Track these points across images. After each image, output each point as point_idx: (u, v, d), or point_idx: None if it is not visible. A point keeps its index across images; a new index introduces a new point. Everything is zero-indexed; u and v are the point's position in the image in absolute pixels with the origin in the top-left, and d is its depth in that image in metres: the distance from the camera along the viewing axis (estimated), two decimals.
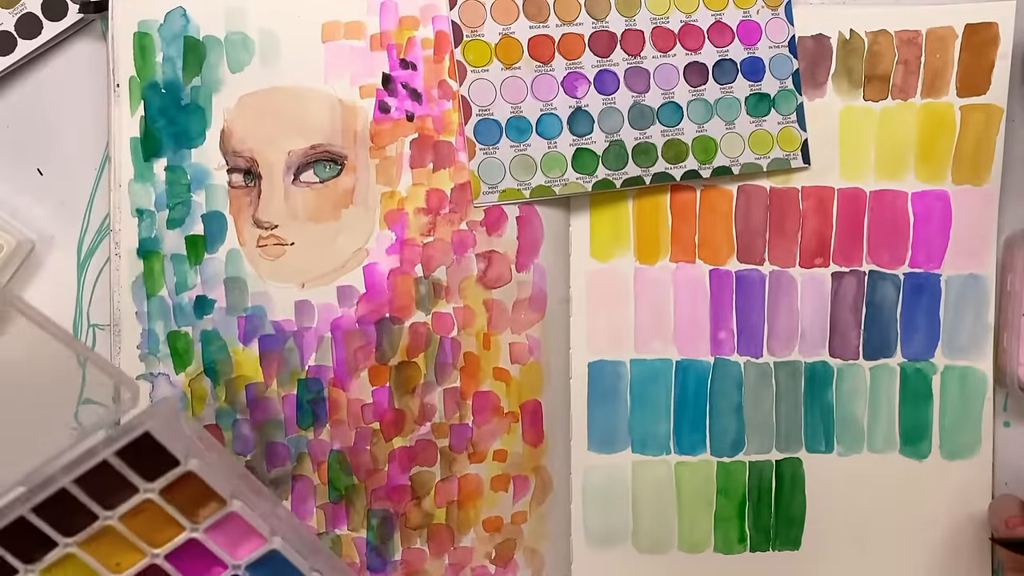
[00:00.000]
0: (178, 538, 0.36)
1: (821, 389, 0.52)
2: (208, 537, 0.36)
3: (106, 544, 0.35)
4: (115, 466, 0.35)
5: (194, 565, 0.36)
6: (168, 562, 0.36)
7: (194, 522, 0.36)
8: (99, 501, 0.35)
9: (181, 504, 0.36)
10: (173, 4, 0.47)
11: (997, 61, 0.50)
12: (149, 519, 0.36)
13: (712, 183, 0.51)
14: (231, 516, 0.37)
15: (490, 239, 0.49)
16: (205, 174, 0.48)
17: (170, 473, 0.35)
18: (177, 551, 0.36)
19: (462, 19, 0.48)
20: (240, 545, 0.37)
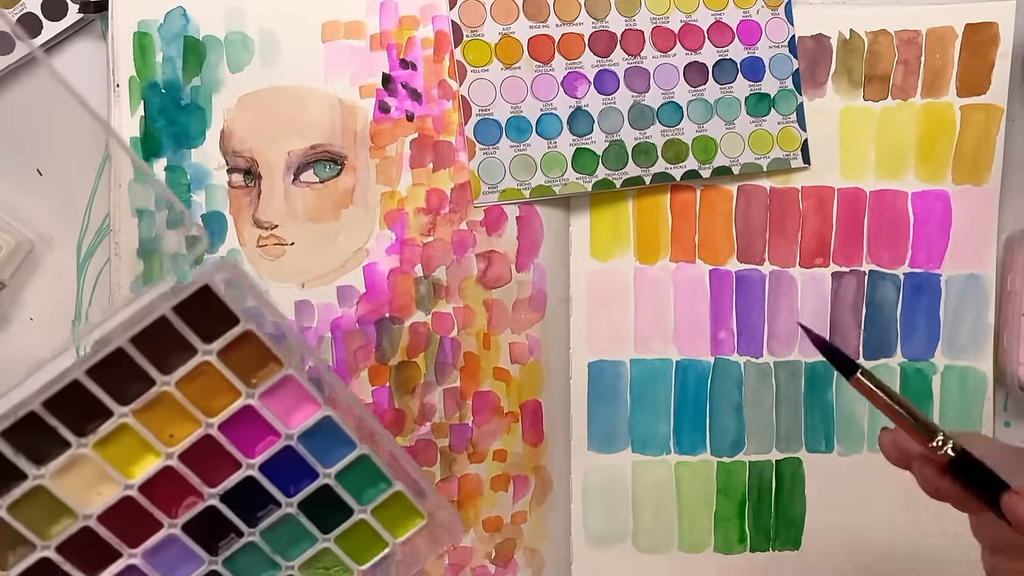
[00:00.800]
0: (233, 405, 0.35)
1: (821, 389, 0.52)
2: (263, 404, 0.35)
3: (161, 414, 0.34)
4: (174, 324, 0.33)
5: (247, 436, 0.35)
6: (222, 433, 0.35)
7: (250, 387, 0.35)
8: (156, 364, 0.34)
9: (237, 368, 0.35)
10: (173, 4, 0.47)
11: (997, 61, 0.50)
12: (205, 385, 0.35)
13: (712, 183, 0.51)
14: (286, 381, 0.36)
15: (490, 239, 0.49)
16: (205, 174, 0.47)
17: (229, 333, 0.34)
18: (230, 421, 0.35)
19: (462, 19, 0.48)
20: (293, 413, 0.36)
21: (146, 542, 0.35)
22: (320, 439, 0.37)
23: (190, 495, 0.36)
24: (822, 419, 0.52)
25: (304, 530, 0.37)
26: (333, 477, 0.37)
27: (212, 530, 0.36)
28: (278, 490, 0.36)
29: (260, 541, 0.37)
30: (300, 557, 0.37)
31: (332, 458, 0.37)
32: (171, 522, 0.35)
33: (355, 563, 0.38)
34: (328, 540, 0.37)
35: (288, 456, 0.36)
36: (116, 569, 0.35)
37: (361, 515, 0.38)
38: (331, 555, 0.38)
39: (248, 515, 0.36)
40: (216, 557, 0.36)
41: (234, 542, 0.36)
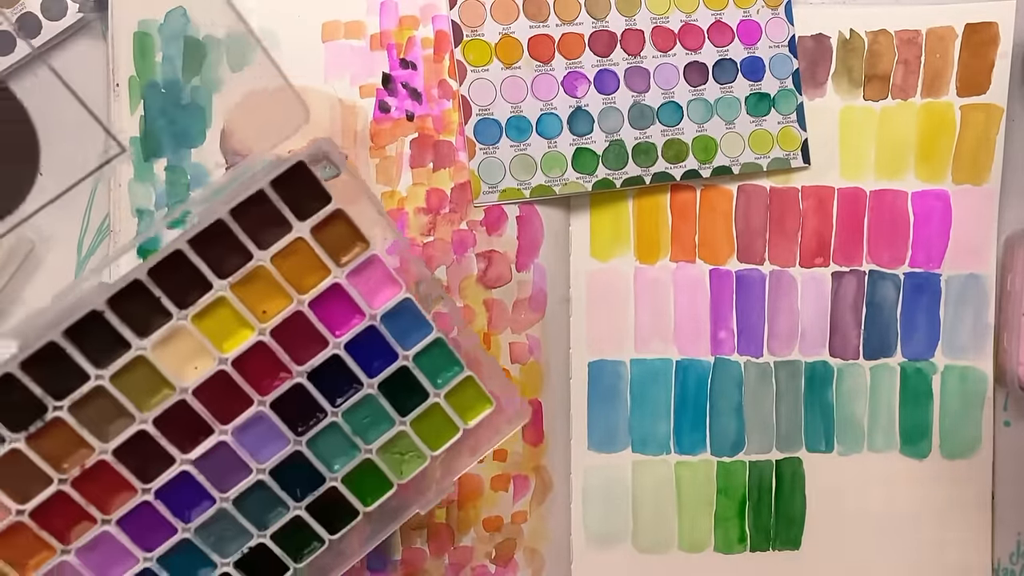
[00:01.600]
0: (323, 283, 0.35)
1: (821, 389, 0.52)
2: (350, 282, 0.36)
3: (255, 289, 0.35)
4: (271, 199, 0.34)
5: (334, 314, 0.36)
6: (311, 309, 0.35)
7: (339, 265, 0.36)
8: (254, 238, 0.34)
9: (328, 246, 0.35)
10: (173, 4, 0.47)
11: (997, 61, 0.50)
12: (298, 261, 0.35)
13: (712, 183, 0.51)
14: (371, 261, 0.36)
15: (490, 239, 0.49)
16: (205, 174, 0.47)
17: (322, 211, 0.35)
18: (319, 299, 0.36)
19: (462, 19, 0.48)
20: (377, 294, 0.37)
21: (236, 419, 0.35)
22: (400, 321, 0.37)
23: (280, 372, 0.36)
24: (822, 419, 0.52)
25: (383, 412, 0.37)
26: (411, 359, 0.37)
27: (298, 409, 0.36)
28: (361, 370, 0.37)
29: (342, 422, 0.37)
30: (378, 440, 0.37)
31: (410, 340, 0.37)
32: (261, 399, 0.36)
33: (428, 448, 0.38)
34: (405, 423, 0.37)
35: (371, 336, 0.37)
36: (208, 446, 0.35)
37: (435, 399, 0.38)
38: (407, 439, 0.38)
39: (332, 395, 0.37)
40: (300, 437, 0.37)
41: (318, 422, 0.37)
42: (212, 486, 0.36)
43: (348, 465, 0.38)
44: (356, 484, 0.38)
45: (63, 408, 0.33)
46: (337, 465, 0.38)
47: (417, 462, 0.39)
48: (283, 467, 0.37)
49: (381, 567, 0.49)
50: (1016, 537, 0.52)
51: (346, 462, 0.38)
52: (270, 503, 0.37)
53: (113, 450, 0.34)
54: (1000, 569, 0.52)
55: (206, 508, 0.36)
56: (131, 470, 0.35)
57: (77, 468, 0.34)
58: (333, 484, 0.38)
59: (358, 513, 0.38)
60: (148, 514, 0.35)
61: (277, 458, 0.37)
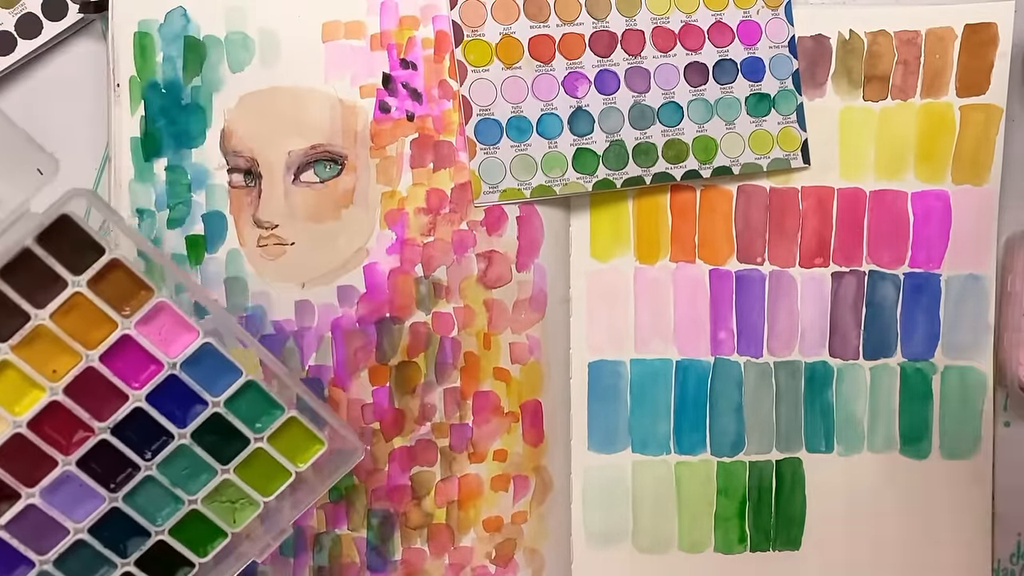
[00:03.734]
0: (112, 336, 0.35)
1: (821, 389, 0.52)
2: (140, 332, 0.35)
3: (40, 349, 0.34)
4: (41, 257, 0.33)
5: (130, 366, 0.35)
6: (104, 364, 0.35)
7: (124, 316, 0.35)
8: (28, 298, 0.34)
9: (110, 297, 0.35)
10: (173, 4, 0.47)
11: (996, 61, 0.50)
12: (80, 317, 0.34)
13: (712, 183, 0.51)
14: (160, 308, 0.35)
15: (490, 239, 0.49)
16: (205, 174, 0.47)
17: (97, 263, 0.34)
18: (111, 352, 0.35)
19: (462, 19, 0.48)
20: (173, 341, 0.36)
21: (43, 481, 0.35)
22: (203, 367, 0.36)
23: (80, 430, 0.35)
24: (822, 419, 0.52)
25: (201, 461, 0.37)
26: (223, 405, 0.37)
27: (108, 465, 0.36)
28: (168, 421, 0.36)
29: (158, 474, 0.36)
30: (202, 490, 0.37)
31: (219, 386, 0.37)
32: (65, 459, 0.35)
33: (260, 494, 0.37)
34: (228, 471, 0.37)
35: (174, 385, 0.36)
36: (16, 510, 0.35)
37: (258, 443, 0.37)
38: (234, 487, 0.38)
39: (141, 448, 0.36)
40: (116, 493, 0.36)
41: (132, 476, 0.36)
42: (29, 549, 0.35)
43: (173, 518, 0.37)
44: (186, 535, 0.37)
45: None
46: (161, 518, 0.37)
47: (250, 509, 0.38)
48: (103, 524, 0.36)
49: (381, 567, 0.49)
50: (1016, 537, 0.52)
51: (170, 514, 0.37)
52: (95, 562, 0.36)
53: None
54: (1000, 569, 0.52)
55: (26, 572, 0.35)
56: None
57: None
58: (160, 538, 0.37)
59: (193, 565, 0.38)
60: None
61: (94, 516, 0.36)
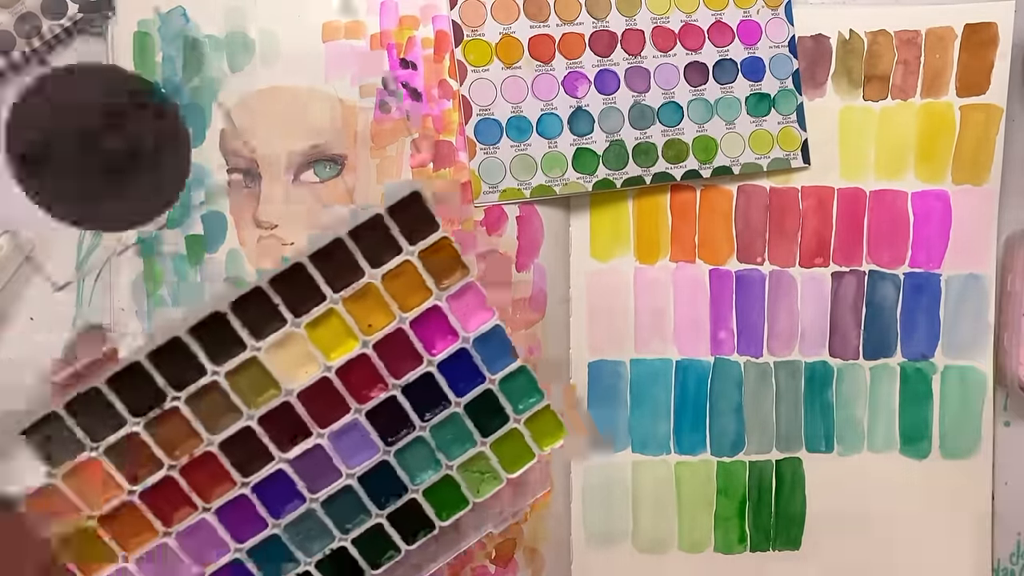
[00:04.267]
0: (425, 304, 0.38)
1: (821, 389, 0.52)
2: (448, 305, 0.39)
3: (364, 304, 0.37)
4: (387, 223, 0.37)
5: (431, 333, 0.38)
6: (411, 328, 0.38)
7: (440, 288, 0.38)
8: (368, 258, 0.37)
9: (433, 270, 0.38)
10: (173, 4, 0.47)
11: (996, 61, 0.50)
12: (404, 282, 0.38)
13: (712, 183, 0.51)
14: (469, 287, 0.39)
15: (490, 239, 0.49)
16: (205, 174, 0.47)
17: (430, 237, 0.38)
18: (419, 319, 0.38)
19: (462, 19, 0.48)
20: (471, 318, 0.39)
21: (334, 424, 0.37)
22: (489, 346, 0.40)
23: (377, 383, 0.38)
24: (822, 419, 0.52)
25: (466, 431, 0.39)
26: (497, 383, 0.40)
27: (390, 421, 0.38)
28: (450, 389, 0.39)
29: (428, 436, 0.39)
30: (460, 457, 0.39)
31: (497, 365, 0.40)
32: (358, 407, 0.38)
33: (505, 471, 0.40)
34: (485, 444, 0.39)
35: (462, 358, 0.39)
36: (305, 447, 0.37)
37: (515, 424, 0.40)
38: (485, 460, 0.40)
39: (422, 410, 0.39)
40: (390, 448, 0.39)
41: (406, 435, 0.39)
42: (304, 486, 0.38)
43: (430, 479, 0.39)
44: (435, 498, 0.40)
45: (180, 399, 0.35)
46: (419, 478, 0.39)
47: (493, 483, 0.40)
48: (371, 475, 0.39)
49: None
50: (1016, 537, 0.52)
51: (428, 476, 0.39)
52: (355, 508, 0.39)
53: (220, 443, 0.36)
54: (1000, 569, 0.52)
55: (296, 507, 0.38)
56: (233, 463, 0.37)
57: (186, 456, 0.36)
58: (414, 496, 0.39)
59: (434, 527, 0.40)
60: (244, 507, 0.37)
61: (366, 465, 0.38)
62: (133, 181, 0.38)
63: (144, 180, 0.38)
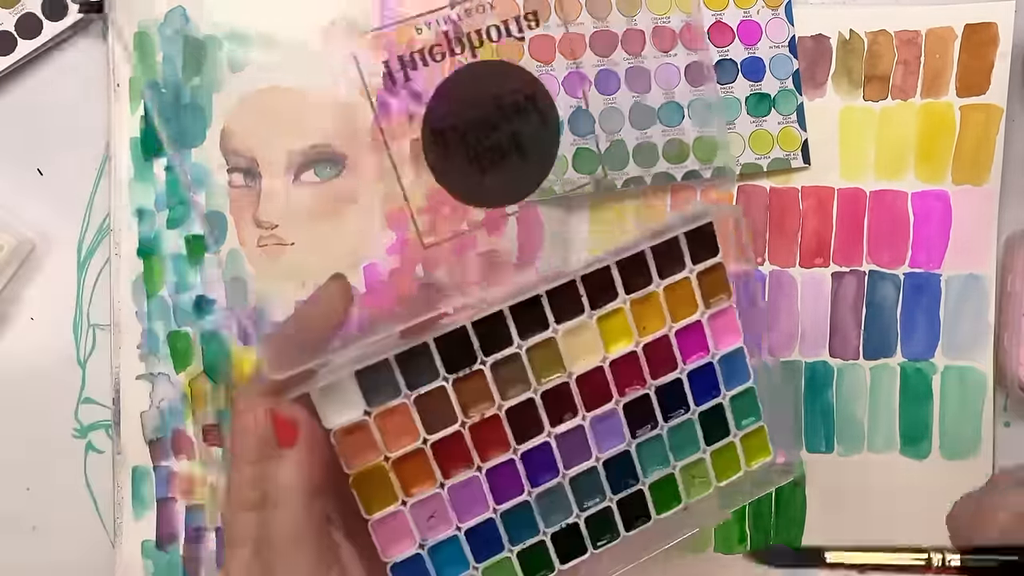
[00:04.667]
0: (691, 318, 0.42)
1: (821, 389, 0.52)
2: (708, 322, 0.42)
3: (645, 309, 0.41)
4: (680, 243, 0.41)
5: (689, 345, 0.42)
6: (675, 336, 0.42)
7: (706, 307, 0.42)
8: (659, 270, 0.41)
9: (704, 289, 0.42)
10: (173, 4, 0.47)
11: (997, 61, 0.50)
12: (679, 296, 0.41)
13: (712, 183, 0.51)
14: (727, 310, 0.42)
15: (490, 239, 0.49)
16: (205, 174, 0.47)
17: (709, 260, 0.42)
18: (683, 330, 0.42)
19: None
20: (722, 337, 0.43)
21: (596, 409, 0.41)
22: (731, 365, 0.43)
23: (637, 381, 0.42)
24: (822, 419, 0.52)
25: (695, 436, 0.43)
26: (728, 399, 0.43)
27: (639, 416, 0.42)
28: (692, 396, 0.42)
29: (666, 435, 0.42)
30: (684, 460, 0.43)
31: (732, 383, 0.43)
32: (618, 399, 0.41)
33: (716, 479, 0.43)
34: (706, 452, 0.43)
35: (707, 371, 0.42)
36: (570, 426, 0.41)
37: (733, 438, 0.43)
38: (702, 466, 0.43)
39: (666, 411, 0.42)
40: (634, 440, 0.42)
41: (650, 430, 0.42)
42: (561, 461, 0.41)
43: (657, 473, 0.43)
44: (656, 492, 0.43)
45: (487, 364, 0.39)
46: (650, 471, 0.42)
47: (703, 488, 0.44)
48: (613, 461, 0.42)
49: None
50: None
51: (657, 471, 0.43)
52: (594, 489, 0.42)
53: (507, 408, 0.40)
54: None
55: (550, 479, 0.41)
56: (512, 430, 0.40)
57: (477, 416, 0.39)
58: (641, 487, 0.42)
59: (651, 518, 0.43)
60: (510, 472, 0.40)
61: (612, 451, 0.42)
62: (511, 164, 0.42)
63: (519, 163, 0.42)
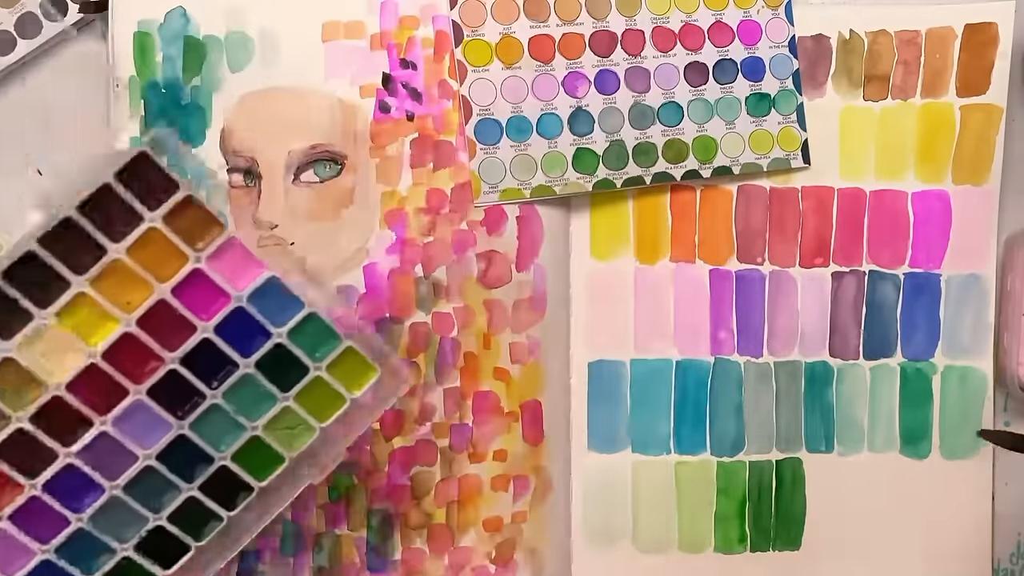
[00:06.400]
0: (183, 270, 0.36)
1: (821, 389, 0.52)
2: (210, 267, 0.37)
3: (116, 282, 0.36)
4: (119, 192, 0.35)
5: (199, 299, 0.37)
6: (175, 297, 0.36)
7: (196, 251, 0.37)
8: (106, 233, 0.35)
9: (183, 232, 0.36)
10: (173, 4, 0.47)
11: (997, 61, 0.50)
12: (155, 252, 0.36)
13: (712, 183, 0.51)
14: (230, 244, 0.37)
15: (490, 239, 0.49)
16: (205, 174, 0.47)
17: (171, 199, 0.36)
18: (183, 285, 0.37)
19: (462, 19, 0.48)
20: (240, 276, 0.38)
21: (115, 409, 0.37)
22: (269, 300, 0.38)
23: (151, 360, 0.37)
24: (822, 419, 0.52)
25: (264, 390, 0.39)
26: (285, 335, 0.38)
27: (176, 394, 0.38)
28: (235, 351, 0.38)
29: (223, 403, 0.38)
30: (263, 417, 0.39)
31: (282, 317, 0.38)
32: (136, 388, 0.37)
33: (316, 420, 0.39)
34: (288, 399, 0.39)
35: (241, 317, 0.38)
36: (89, 437, 0.36)
37: (317, 372, 0.39)
38: (293, 414, 0.39)
39: (208, 378, 0.38)
40: (183, 421, 0.38)
41: (198, 405, 0.38)
42: (100, 475, 0.37)
43: (235, 444, 0.39)
44: (247, 461, 0.39)
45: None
46: (224, 445, 0.39)
47: (307, 435, 0.40)
48: (170, 451, 0.38)
49: (381, 567, 0.49)
50: (1016, 537, 0.52)
51: (233, 441, 0.39)
52: (163, 487, 0.38)
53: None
54: (1000, 569, 0.52)
55: (97, 497, 0.37)
56: (16, 468, 0.36)
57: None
58: (223, 463, 0.39)
59: (252, 489, 0.40)
60: (39, 508, 0.36)
61: (162, 443, 0.38)
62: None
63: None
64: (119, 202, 0.35)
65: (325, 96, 0.48)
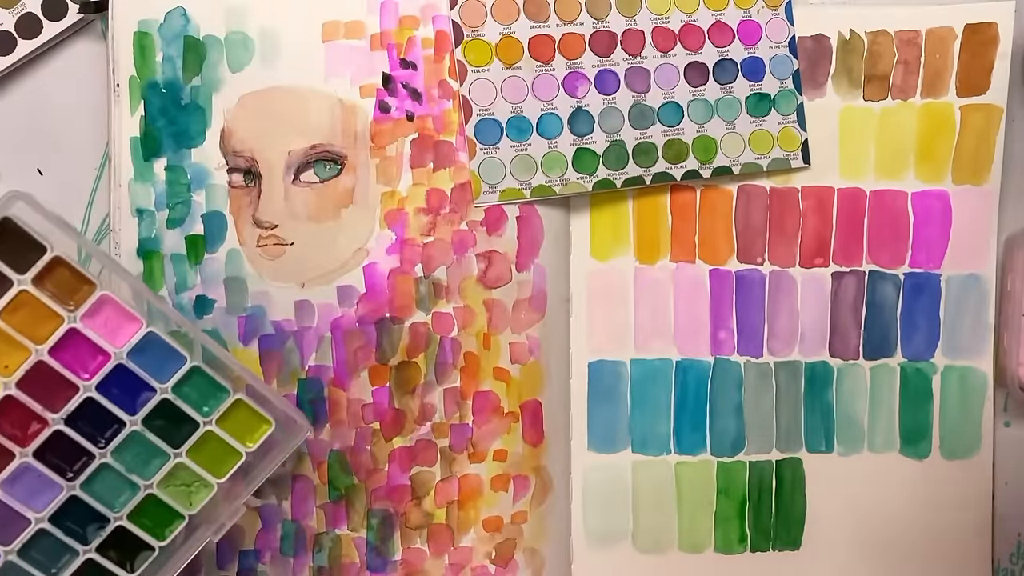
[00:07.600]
0: (59, 330, 0.36)
1: (821, 389, 0.52)
2: (86, 325, 0.37)
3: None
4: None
5: (78, 358, 0.37)
6: (53, 357, 0.36)
7: (69, 311, 0.37)
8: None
9: (55, 293, 0.36)
10: (173, 4, 0.47)
11: (997, 61, 0.50)
12: (28, 314, 0.36)
13: (712, 183, 0.51)
14: (104, 301, 0.37)
15: (490, 239, 0.49)
16: (205, 174, 0.47)
17: (40, 261, 0.36)
18: (60, 345, 0.37)
19: (462, 19, 0.48)
20: (118, 332, 0.37)
21: (2, 473, 0.36)
22: (150, 355, 0.38)
23: (35, 422, 0.37)
24: (822, 419, 0.52)
25: (154, 446, 0.38)
26: (171, 391, 0.38)
27: (64, 455, 0.37)
28: (119, 409, 0.38)
29: (112, 461, 0.38)
30: (157, 474, 0.38)
31: (166, 372, 0.38)
32: (22, 451, 0.37)
33: (212, 476, 0.39)
34: (180, 454, 0.38)
35: (122, 374, 0.38)
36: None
37: (207, 426, 0.39)
38: (187, 470, 0.39)
39: (95, 437, 0.38)
40: (73, 481, 0.38)
41: (88, 465, 0.38)
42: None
43: (130, 503, 0.38)
44: (145, 520, 0.39)
45: None
46: (119, 504, 0.38)
47: (205, 491, 0.39)
48: (63, 513, 0.38)
49: (381, 567, 0.49)
50: (1016, 537, 0.52)
51: (128, 500, 0.38)
52: (58, 550, 0.38)
53: None
54: (1000, 569, 0.52)
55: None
56: None
57: None
58: (120, 523, 0.38)
59: (154, 548, 0.39)
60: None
61: (53, 505, 0.37)
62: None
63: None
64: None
65: (325, 96, 0.48)
